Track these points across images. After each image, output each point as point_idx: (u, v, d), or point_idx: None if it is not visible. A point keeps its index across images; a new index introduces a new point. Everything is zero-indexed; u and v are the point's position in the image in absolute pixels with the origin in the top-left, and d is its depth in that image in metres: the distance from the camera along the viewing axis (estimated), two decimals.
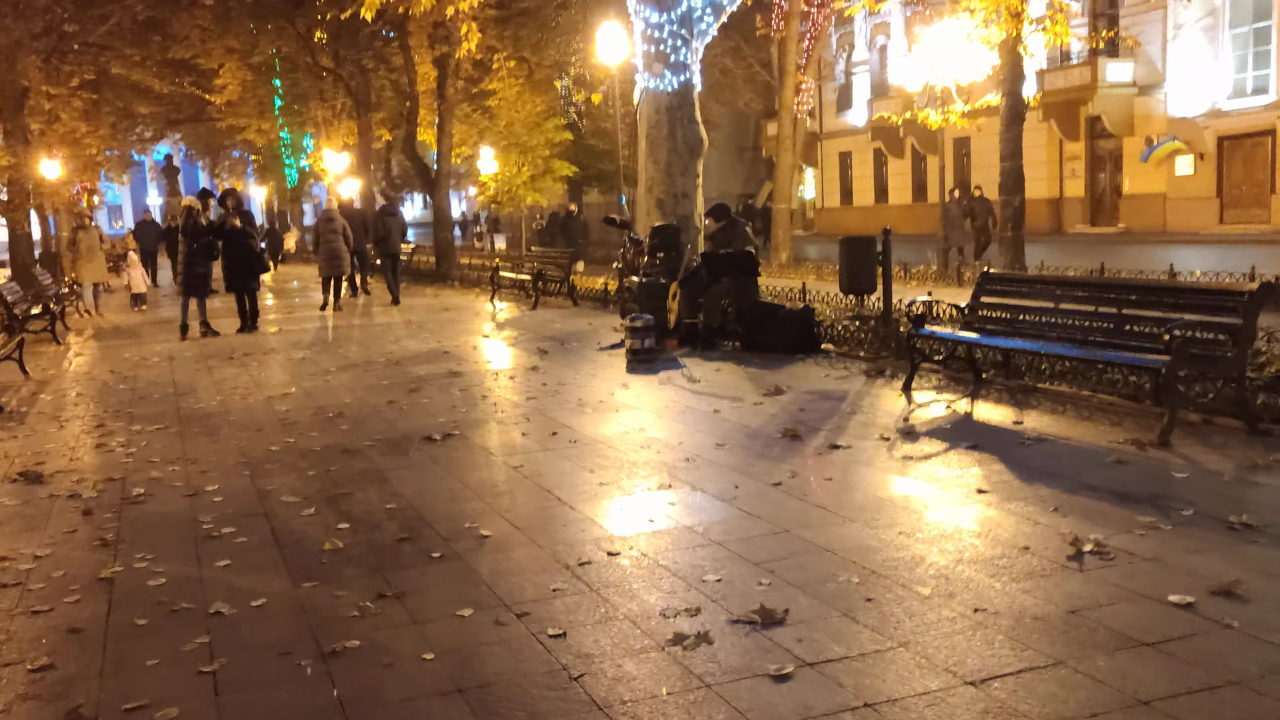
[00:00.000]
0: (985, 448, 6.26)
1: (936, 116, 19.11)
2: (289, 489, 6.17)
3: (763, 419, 7.52)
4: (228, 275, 14.65)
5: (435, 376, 10.23)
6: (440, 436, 7.37)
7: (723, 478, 5.90)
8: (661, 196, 15.89)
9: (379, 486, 6.14)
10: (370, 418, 8.29)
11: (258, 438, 7.72)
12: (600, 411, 8.08)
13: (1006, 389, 8.05)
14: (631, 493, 5.68)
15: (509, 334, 13.59)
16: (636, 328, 10.49)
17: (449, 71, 27.44)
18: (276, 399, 9.36)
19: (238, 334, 14.71)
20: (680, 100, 16.09)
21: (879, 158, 47.44)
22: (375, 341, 13.31)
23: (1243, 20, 31.66)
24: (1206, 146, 32.94)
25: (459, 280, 23.80)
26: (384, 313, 17.40)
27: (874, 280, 10.01)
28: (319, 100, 39.66)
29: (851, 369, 9.49)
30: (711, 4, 16.32)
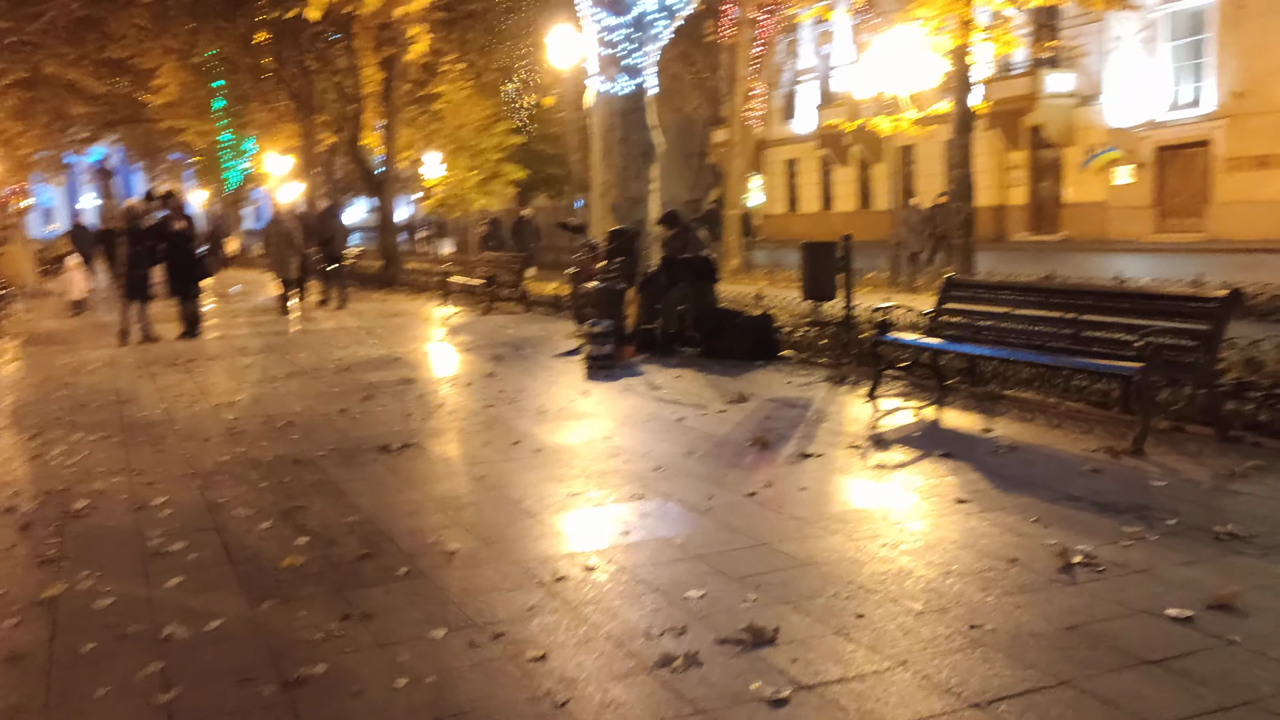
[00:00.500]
0: (958, 456, 6.17)
1: (888, 124, 19.14)
2: (241, 501, 5.90)
3: (729, 427, 7.37)
4: (170, 280, 14.21)
5: (388, 384, 9.95)
6: (397, 446, 7.12)
7: (695, 488, 5.74)
8: (616, 201, 15.74)
9: (336, 499, 5.89)
10: (322, 427, 8.01)
11: (205, 448, 7.41)
12: (562, 420, 7.88)
13: (972, 396, 7.99)
14: (603, 504, 5.49)
15: (462, 340, 13.32)
16: (595, 334, 10.30)
17: (395, 74, 27.06)
18: (223, 407, 9.03)
19: (180, 339, 14.27)
20: (634, 104, 15.95)
21: (825, 165, 47.77)
22: (324, 347, 12.97)
23: (1180, 33, 32.31)
24: (1144, 156, 33.55)
25: (407, 285, 23.41)
26: (330, 317, 17.03)
27: (835, 286, 9.93)
28: (260, 102, 38.91)
29: (813, 375, 9.39)
30: (665, 8, 16.22)
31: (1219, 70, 31.15)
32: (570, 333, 13.40)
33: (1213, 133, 31.49)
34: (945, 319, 8.29)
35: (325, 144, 39.63)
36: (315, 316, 17.42)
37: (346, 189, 45.73)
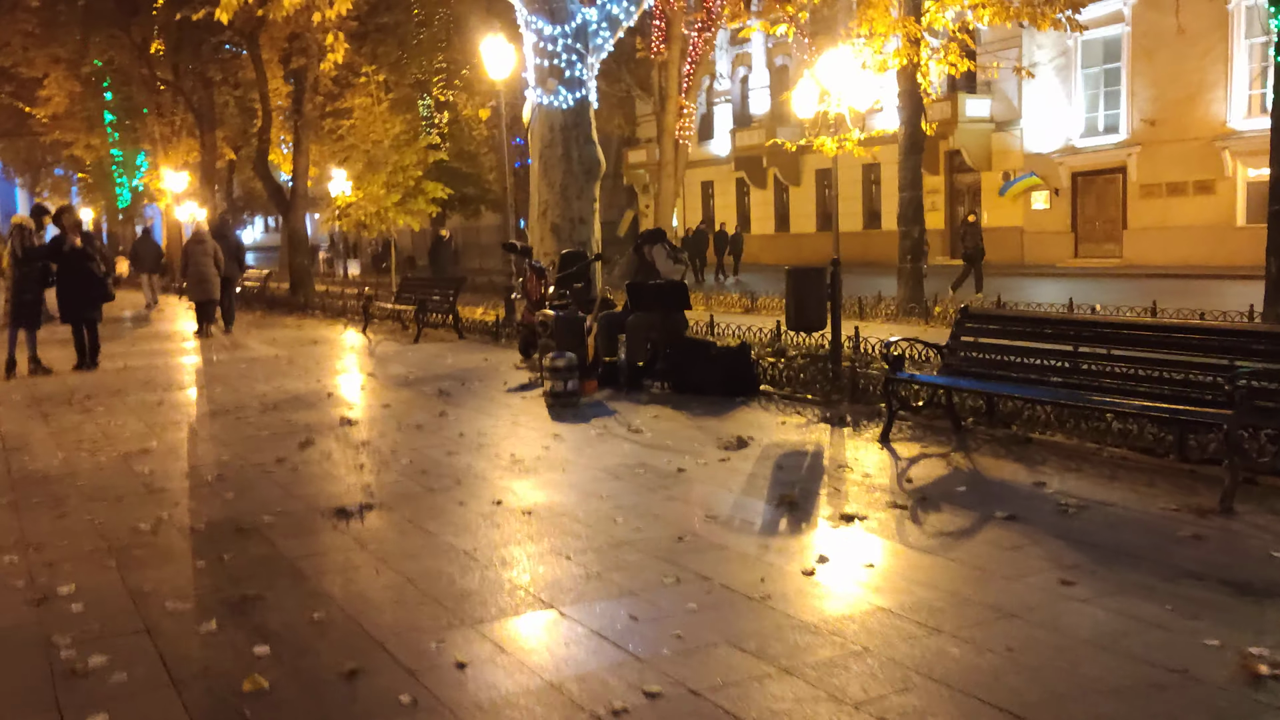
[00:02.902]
0: (1025, 518, 5.33)
1: (831, 144, 18.53)
2: (173, 589, 4.74)
3: (740, 481, 6.44)
4: (64, 303, 12.71)
5: (326, 426, 8.78)
6: (356, 509, 6.01)
7: (737, 565, 4.78)
8: (557, 221, 14.74)
9: (295, 583, 4.77)
10: (259, 482, 6.84)
11: (119, 511, 6.18)
12: (542, 471, 6.85)
13: (994, 439, 7.21)
14: (635, 591, 4.49)
15: (397, 372, 12.15)
16: (559, 368, 9.29)
17: (307, 86, 25.68)
18: (135, 456, 7.75)
19: (75, 371, 12.79)
20: (576, 119, 15.00)
21: (741, 187, 47.42)
22: (242, 381, 11.67)
23: (1094, 60, 32.70)
24: (1061, 182, 33.84)
25: (320, 309, 21.99)
26: (244, 346, 15.63)
27: (824, 315, 9.11)
28: (155, 115, 36.91)
29: (806, 414, 8.52)
30: (607, 17, 15.32)
31: (1132, 98, 31.56)
32: (516, 363, 12.35)
33: (1127, 160, 31.87)
34: (963, 354, 7.50)
35: (224, 159, 37.82)
36: (222, 344, 16.00)
37: (246, 207, 43.81)
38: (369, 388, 10.98)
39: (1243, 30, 28.75)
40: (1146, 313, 13.87)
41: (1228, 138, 29.33)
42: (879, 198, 40.85)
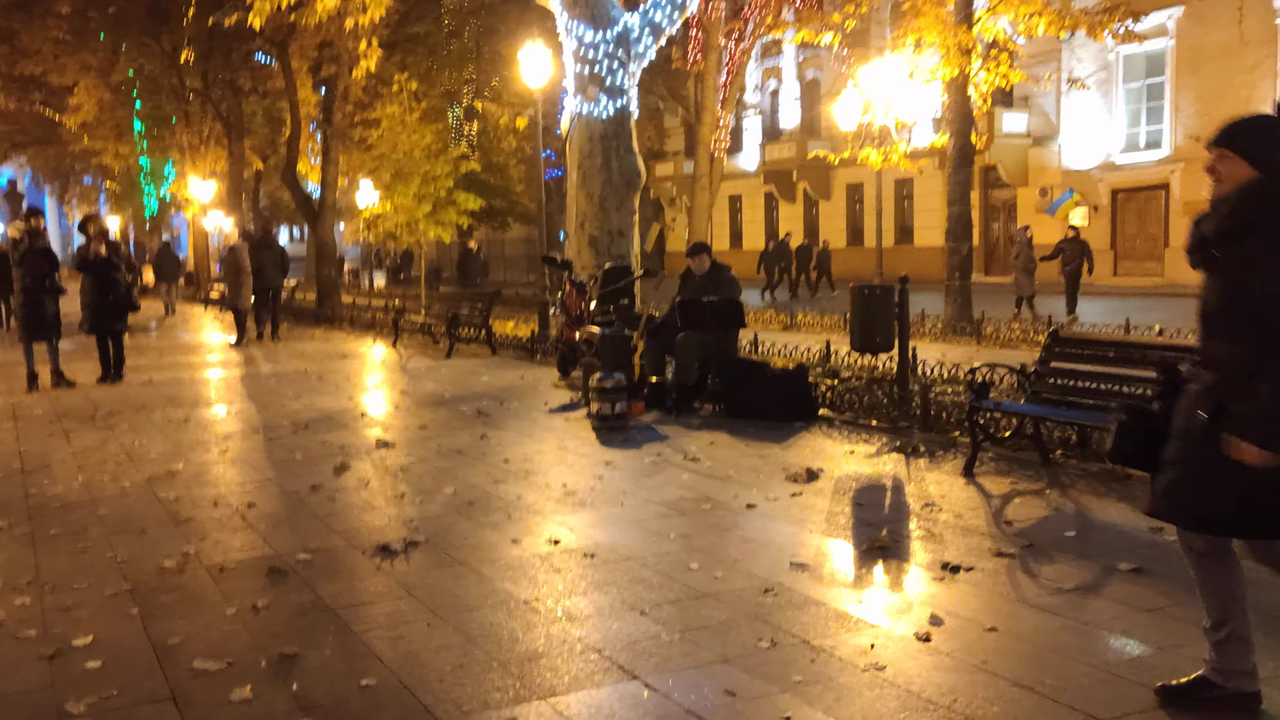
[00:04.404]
0: (1154, 571, 4.74)
1: (876, 156, 17.98)
2: (203, 644, 4.21)
3: (819, 520, 5.87)
4: (91, 314, 12.26)
5: (361, 448, 8.26)
6: (401, 546, 5.47)
7: (838, 626, 4.21)
8: (595, 233, 14.25)
9: (339, 639, 4.23)
10: (294, 512, 6.31)
11: (143, 546, 5.66)
12: (598, 505, 6.30)
13: (1089, 475, 6.62)
14: (728, 658, 3.92)
15: (431, 389, 11.63)
16: (606, 389, 8.75)
17: (337, 95, 25.30)
18: (160, 480, 7.25)
19: (100, 384, 12.34)
20: (616, 128, 14.52)
21: (770, 201, 46.87)
22: (272, 397, 11.18)
23: (1136, 75, 32.00)
24: (1100, 199, 33.12)
25: (347, 321, 21.54)
26: (272, 359, 15.17)
27: (892, 336, 8.54)
28: (184, 124, 36.73)
29: (874, 442, 7.95)
30: (650, 24, 14.84)
31: (1176, 113, 30.82)
32: (555, 382, 11.82)
33: (1170, 176, 31.13)
34: (1052, 380, 6.91)
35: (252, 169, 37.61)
36: (252, 357, 15.55)
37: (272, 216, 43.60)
38: (403, 406, 10.47)
39: None
40: None
41: None
42: (911, 213, 40.19)
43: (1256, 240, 3.09)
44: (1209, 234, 3.22)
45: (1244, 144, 3.20)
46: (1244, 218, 3.13)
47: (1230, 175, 3.21)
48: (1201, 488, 3.23)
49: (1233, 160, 3.21)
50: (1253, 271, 3.10)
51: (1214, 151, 3.26)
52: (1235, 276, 3.15)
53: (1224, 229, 3.17)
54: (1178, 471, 3.30)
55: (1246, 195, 3.15)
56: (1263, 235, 3.09)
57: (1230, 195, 3.19)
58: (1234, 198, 3.17)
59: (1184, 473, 3.28)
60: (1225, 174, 3.23)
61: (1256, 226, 3.11)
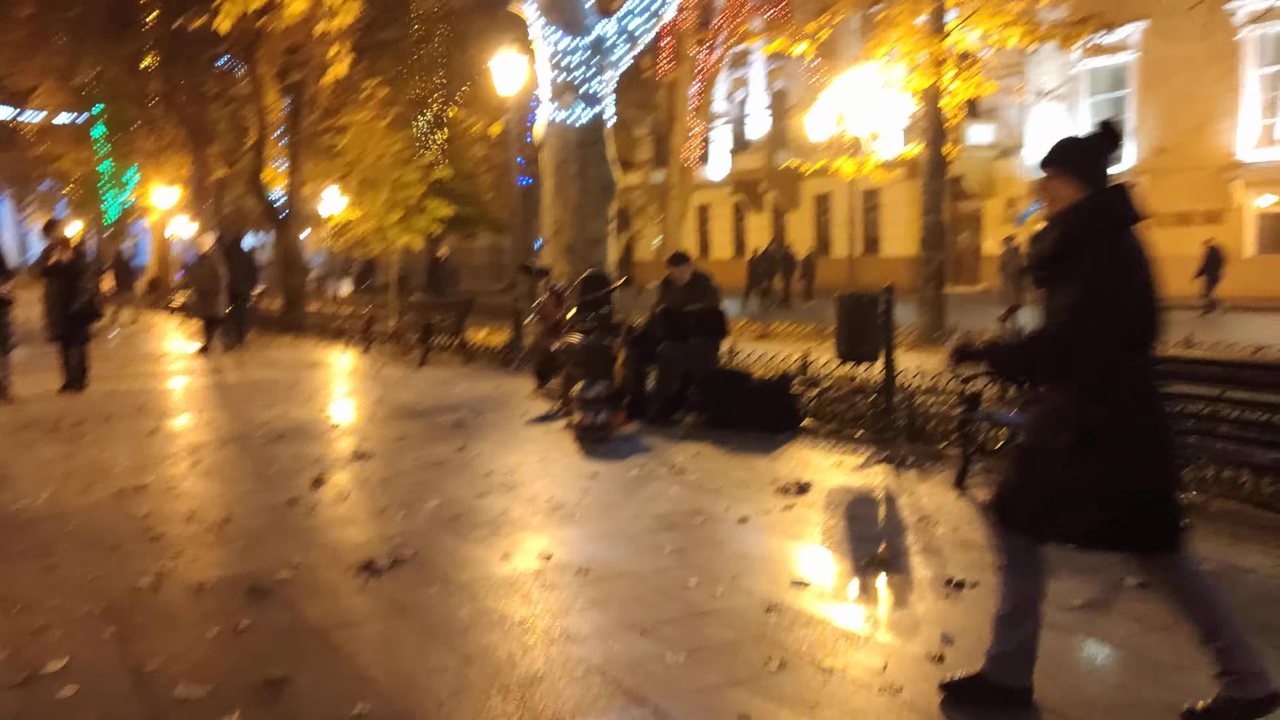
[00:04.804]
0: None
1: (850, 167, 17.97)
2: (184, 668, 4.01)
3: (814, 534, 5.75)
4: (53, 322, 11.92)
5: (338, 460, 8.05)
6: (387, 563, 5.28)
7: (848, 646, 4.09)
8: (571, 242, 14.08)
9: (328, 662, 4.05)
10: (272, 527, 6.10)
11: (115, 563, 5.44)
12: (587, 519, 6.15)
13: None
14: (739, 680, 3.78)
15: (406, 399, 11.41)
16: (589, 399, 8.60)
17: (304, 101, 25.00)
18: (130, 494, 7.01)
19: (62, 394, 12.00)
20: (592, 136, 14.37)
21: (738, 211, 46.98)
22: (243, 407, 10.92)
23: (1100, 88, 32.36)
24: None
25: (314, 329, 21.22)
26: (241, 368, 14.87)
27: (878, 346, 8.45)
28: (146, 129, 36.18)
29: (860, 454, 7.86)
30: (625, 31, 14.71)
31: (1140, 126, 31.18)
32: (531, 392, 11.65)
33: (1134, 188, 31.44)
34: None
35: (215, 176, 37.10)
36: (220, 365, 15.24)
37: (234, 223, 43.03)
38: (378, 417, 10.25)
39: (1253, 60, 28.43)
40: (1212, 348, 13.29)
41: (1237, 168, 28.97)
42: (878, 223, 40.38)
43: (1087, 259, 3.19)
44: (1045, 252, 3.32)
45: (1072, 163, 3.32)
46: (1078, 234, 3.23)
47: (1061, 194, 3.32)
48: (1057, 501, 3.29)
49: (1062, 180, 3.32)
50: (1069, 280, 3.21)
51: (1045, 171, 3.37)
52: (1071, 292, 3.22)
53: (1060, 246, 3.26)
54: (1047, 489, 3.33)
55: (1078, 212, 3.26)
56: (1095, 254, 3.19)
57: (1063, 213, 3.29)
58: (1067, 215, 3.28)
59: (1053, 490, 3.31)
60: (1056, 193, 3.34)
61: (1085, 244, 3.21)
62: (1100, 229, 3.23)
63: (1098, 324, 3.16)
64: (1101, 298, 3.16)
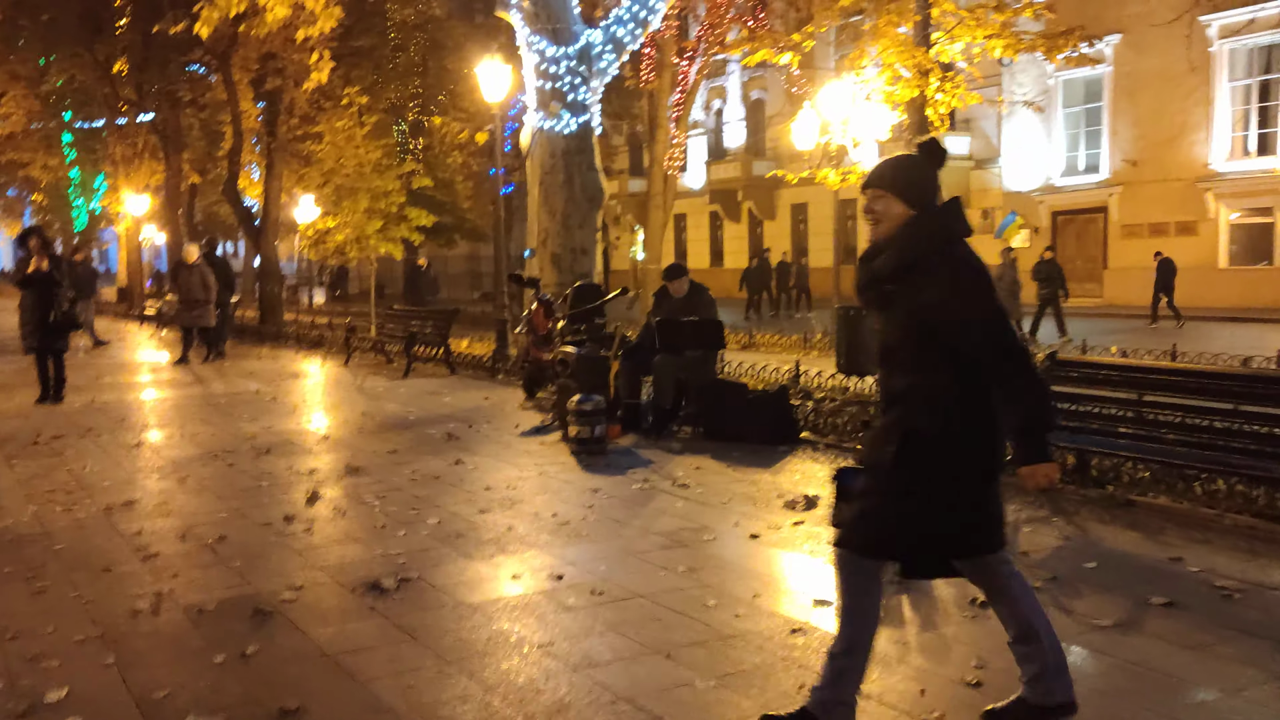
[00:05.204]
0: (1187, 605, 4.60)
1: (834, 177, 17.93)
2: (191, 698, 3.85)
3: (828, 550, 5.60)
4: (29, 333, 11.66)
5: (331, 475, 7.88)
6: (393, 583, 5.13)
7: (882, 671, 3.97)
8: (557, 251, 13.96)
9: (342, 690, 3.90)
10: (270, 546, 5.93)
11: (109, 585, 5.25)
12: (594, 536, 6.01)
13: (1090, 502, 6.48)
14: (770, 706, 3.65)
15: (394, 411, 11.23)
16: (585, 411, 8.47)
17: (281, 109, 24.74)
18: (119, 511, 6.81)
19: (39, 406, 11.73)
20: (580, 144, 14.26)
21: (715, 221, 46.99)
22: (226, 419, 10.70)
23: (1075, 100, 32.57)
24: (1041, 221, 33.62)
25: (294, 339, 20.96)
26: (221, 378, 14.61)
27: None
28: (117, 136, 35.71)
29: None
30: (612, 39, 14.63)
31: (1113, 138, 31.43)
32: (521, 403, 11.50)
33: (1108, 199, 31.71)
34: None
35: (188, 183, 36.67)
36: (201, 375, 14.98)
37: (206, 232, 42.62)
38: (367, 429, 10.07)
39: (1226, 73, 28.71)
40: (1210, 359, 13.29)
41: (1210, 179, 29.22)
42: (854, 233, 40.47)
43: (930, 277, 3.20)
44: (881, 271, 3.32)
45: (897, 184, 3.33)
46: (912, 253, 3.24)
47: (888, 214, 3.33)
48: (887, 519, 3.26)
49: (889, 199, 3.32)
50: (938, 308, 3.19)
51: (869, 192, 3.36)
52: (915, 310, 3.24)
53: (895, 265, 3.27)
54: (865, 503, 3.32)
55: (911, 232, 3.27)
56: (937, 271, 3.20)
57: (895, 233, 3.30)
58: (900, 235, 3.29)
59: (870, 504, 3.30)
60: (883, 213, 3.34)
61: (923, 262, 3.22)
62: (945, 243, 3.25)
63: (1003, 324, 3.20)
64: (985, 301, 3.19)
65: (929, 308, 3.20)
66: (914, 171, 3.36)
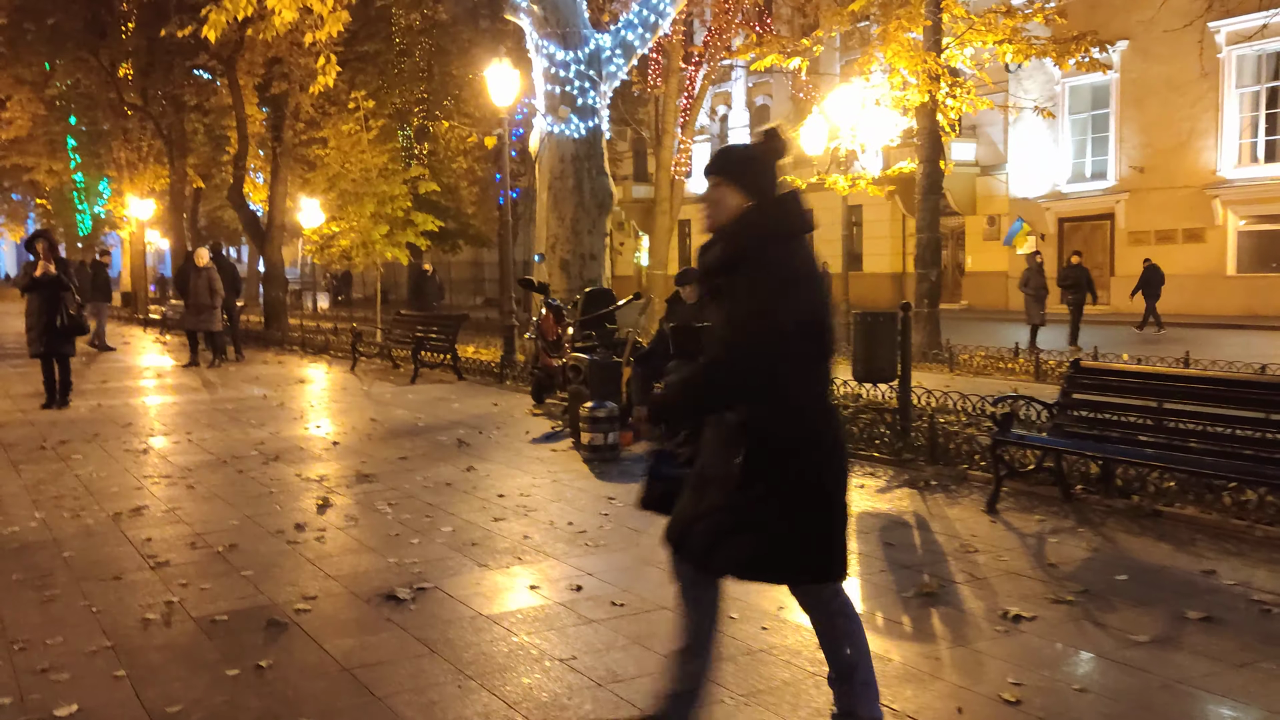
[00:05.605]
0: (1226, 620, 4.48)
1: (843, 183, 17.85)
2: (207, 714, 3.74)
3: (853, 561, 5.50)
4: (36, 337, 11.56)
5: (341, 482, 7.77)
6: (409, 594, 5.02)
7: (915, 687, 3.87)
8: (566, 257, 13.88)
9: (363, 706, 3.78)
10: (282, 554, 5.82)
11: (119, 594, 5.15)
12: (612, 547, 5.90)
13: (1116, 512, 6.37)
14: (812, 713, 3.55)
15: (402, 417, 11.13)
16: (599, 418, 8.37)
17: (287, 113, 24.67)
18: (127, 518, 6.70)
19: (44, 411, 11.64)
20: (589, 149, 14.19)
21: None
22: (234, 425, 10.60)
23: (1081, 106, 32.47)
24: (1047, 228, 33.50)
25: (297, 344, 20.86)
26: (227, 383, 14.51)
27: (895, 366, 8.27)
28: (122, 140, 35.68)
29: (880, 476, 7.65)
30: (621, 44, 14.56)
31: (1120, 144, 31.31)
32: (531, 410, 11.39)
33: (1115, 206, 31.60)
34: (1076, 413, 6.67)
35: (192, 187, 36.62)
36: (208, 381, 14.88)
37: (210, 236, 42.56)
38: (376, 436, 9.96)
39: (1233, 79, 28.60)
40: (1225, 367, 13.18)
41: (1218, 186, 29.09)
42: (860, 240, 40.36)
43: (748, 276, 3.08)
44: (712, 264, 3.20)
45: (735, 173, 3.22)
46: (742, 245, 3.13)
47: (727, 204, 3.21)
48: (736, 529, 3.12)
49: (727, 189, 3.21)
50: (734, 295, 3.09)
51: (709, 179, 3.25)
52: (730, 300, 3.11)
53: (724, 257, 3.15)
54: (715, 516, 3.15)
55: (743, 223, 3.16)
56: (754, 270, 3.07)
57: (728, 224, 3.19)
58: (732, 226, 3.18)
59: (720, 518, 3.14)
60: (721, 202, 3.22)
61: (751, 252, 3.10)
62: (767, 239, 3.11)
63: (762, 342, 3.03)
64: (765, 314, 3.03)
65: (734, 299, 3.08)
66: (752, 162, 3.23)
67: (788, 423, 3.07)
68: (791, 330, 3.04)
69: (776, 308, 3.03)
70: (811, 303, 3.11)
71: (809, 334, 3.10)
